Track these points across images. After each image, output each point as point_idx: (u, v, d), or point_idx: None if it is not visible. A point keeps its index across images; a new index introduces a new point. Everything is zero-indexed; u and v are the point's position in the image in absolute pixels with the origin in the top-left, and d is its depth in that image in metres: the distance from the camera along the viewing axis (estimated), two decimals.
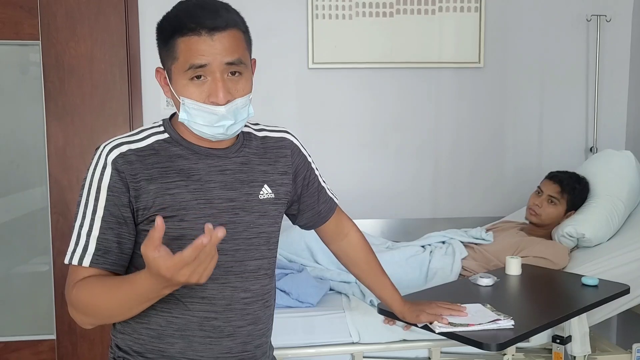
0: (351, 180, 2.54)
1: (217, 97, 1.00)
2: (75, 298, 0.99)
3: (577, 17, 2.58)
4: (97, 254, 1.00)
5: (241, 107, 1.04)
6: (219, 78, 1.01)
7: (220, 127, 1.03)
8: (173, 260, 0.83)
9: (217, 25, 1.00)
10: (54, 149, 2.40)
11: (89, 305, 0.99)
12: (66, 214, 2.41)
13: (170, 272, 0.84)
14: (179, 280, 0.85)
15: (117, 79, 2.42)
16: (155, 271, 0.85)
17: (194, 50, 1.00)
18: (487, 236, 2.20)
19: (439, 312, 1.35)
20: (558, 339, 1.70)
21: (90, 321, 1.02)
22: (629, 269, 1.91)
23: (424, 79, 2.55)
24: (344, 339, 1.74)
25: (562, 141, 2.63)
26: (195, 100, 1.02)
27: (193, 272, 0.85)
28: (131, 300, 0.95)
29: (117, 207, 1.01)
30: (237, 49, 1.02)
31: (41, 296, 2.51)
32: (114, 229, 1.01)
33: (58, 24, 2.36)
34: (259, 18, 2.45)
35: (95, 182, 1.01)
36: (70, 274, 1.02)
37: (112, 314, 1.01)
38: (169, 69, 1.05)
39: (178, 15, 1.02)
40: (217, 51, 1.00)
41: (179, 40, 1.01)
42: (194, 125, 1.04)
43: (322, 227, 1.32)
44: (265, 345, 1.16)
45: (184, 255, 0.83)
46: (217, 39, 1.00)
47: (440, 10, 2.50)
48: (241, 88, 1.04)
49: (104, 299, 0.98)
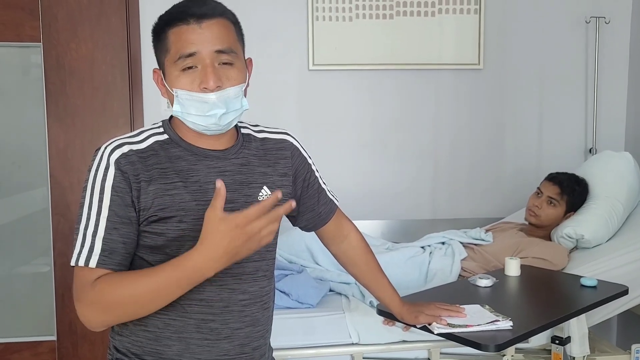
0: (351, 181, 2.55)
1: (207, 83, 1.01)
2: (98, 295, 0.97)
3: (576, 19, 2.59)
4: (104, 254, 0.99)
5: (233, 97, 1.04)
6: (209, 64, 1.02)
7: (212, 117, 1.03)
8: (238, 217, 0.90)
9: (205, 12, 1.01)
10: (55, 151, 2.41)
11: (118, 298, 0.97)
12: (67, 215, 2.42)
13: (234, 232, 0.90)
14: (236, 244, 0.90)
15: (118, 81, 2.43)
16: (219, 234, 0.90)
17: (184, 40, 1.01)
18: (487, 237, 2.20)
19: (437, 313, 1.36)
20: (557, 339, 1.70)
21: (109, 319, 1.00)
22: (627, 270, 1.91)
23: (424, 80, 2.56)
24: (344, 340, 1.74)
25: (561, 142, 2.64)
26: (187, 90, 1.03)
27: (253, 236, 0.91)
28: (172, 285, 0.95)
29: (121, 208, 1.01)
30: (226, 38, 1.03)
31: (42, 297, 2.52)
32: (119, 229, 1.01)
33: (59, 26, 2.37)
34: (259, 20, 2.46)
35: (98, 183, 1.01)
36: (77, 277, 1.00)
37: (142, 306, 0.98)
38: (163, 64, 1.06)
39: (169, 11, 1.05)
40: (206, 39, 1.01)
41: (169, 32, 1.03)
42: (187, 117, 1.05)
43: (322, 228, 1.32)
44: (264, 347, 1.16)
45: (249, 211, 0.90)
46: (206, 27, 1.01)
47: (440, 12, 2.51)
48: (233, 77, 1.04)
49: (138, 288, 0.96)
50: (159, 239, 1.03)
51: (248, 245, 0.92)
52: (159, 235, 1.03)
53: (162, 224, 1.02)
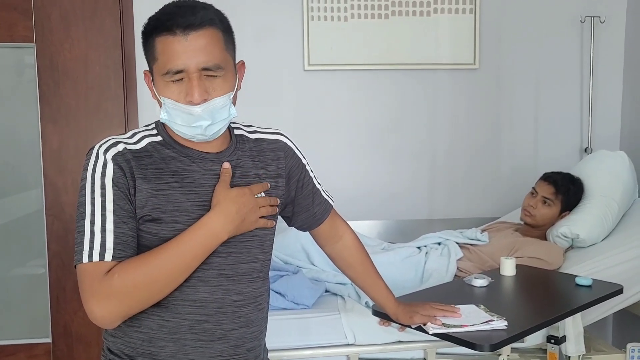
0: (347, 181, 2.55)
1: (193, 97, 1.01)
2: (118, 282, 0.96)
3: (571, 19, 2.59)
4: (117, 247, 0.98)
5: (220, 107, 1.04)
6: (195, 77, 1.01)
7: (197, 128, 1.03)
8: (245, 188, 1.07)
9: (191, 23, 1.00)
10: (49, 152, 2.40)
11: (139, 280, 0.97)
12: (61, 217, 2.41)
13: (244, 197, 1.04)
14: (245, 210, 1.04)
15: (112, 81, 2.42)
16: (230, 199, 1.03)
17: (170, 52, 1.00)
18: (483, 237, 2.20)
19: (432, 313, 1.36)
20: (553, 339, 1.70)
21: (127, 307, 0.98)
22: (622, 269, 1.91)
23: (420, 80, 2.56)
24: (340, 341, 1.74)
25: (556, 142, 2.64)
26: (174, 100, 1.02)
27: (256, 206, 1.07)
28: (189, 254, 1.00)
29: (125, 202, 1.00)
30: (212, 51, 1.02)
31: (37, 299, 2.51)
32: (127, 222, 1.00)
33: (52, 26, 2.36)
34: (254, 21, 2.46)
35: (97, 179, 1.00)
36: (87, 273, 0.97)
37: (161, 285, 0.99)
38: (152, 69, 1.06)
39: (157, 16, 1.03)
40: (193, 53, 1.00)
41: (156, 40, 1.02)
42: (173, 125, 1.05)
43: (316, 229, 1.32)
44: (259, 348, 1.16)
45: (253, 186, 1.09)
46: (192, 39, 1.00)
47: (435, 12, 2.51)
48: (219, 87, 1.03)
49: (157, 264, 0.98)
50: (154, 239, 1.02)
51: (253, 214, 1.06)
52: (153, 235, 1.02)
53: (156, 224, 1.02)
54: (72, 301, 2.37)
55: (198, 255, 1.01)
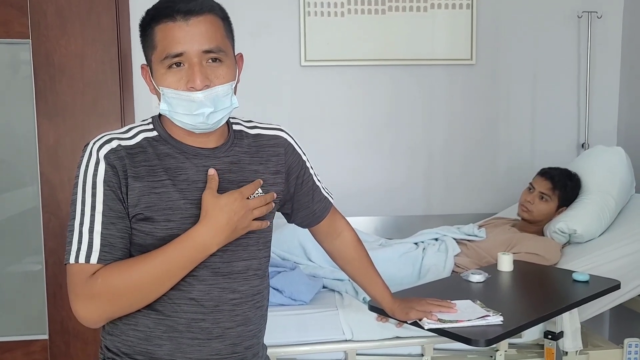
0: (344, 177, 2.54)
1: (194, 82, 0.99)
2: (102, 285, 0.96)
3: (568, 14, 2.59)
4: (104, 250, 0.98)
5: (222, 95, 1.02)
6: (196, 63, 1.00)
7: (199, 116, 1.01)
8: (235, 192, 1.01)
9: (192, 8, 0.99)
10: (45, 148, 2.39)
11: (123, 284, 0.97)
12: (58, 213, 2.40)
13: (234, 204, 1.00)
14: (235, 218, 1.00)
15: (109, 77, 2.41)
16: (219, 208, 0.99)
17: (170, 38, 0.99)
18: (480, 232, 2.21)
19: (428, 309, 1.36)
20: (550, 334, 1.70)
21: (110, 311, 0.99)
22: (619, 265, 1.92)
23: (416, 76, 2.56)
24: (337, 337, 1.73)
25: (553, 137, 2.64)
26: (174, 88, 1.01)
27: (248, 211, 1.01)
28: (175, 264, 0.98)
29: (115, 202, 1.00)
30: (214, 35, 1.01)
31: (33, 296, 2.50)
32: (115, 223, 0.99)
33: (48, 22, 2.35)
34: (251, 16, 2.45)
35: (89, 178, 1.00)
36: (73, 273, 0.98)
37: (145, 292, 0.98)
38: (150, 60, 1.04)
39: (155, 6, 1.03)
40: (194, 37, 0.99)
41: (155, 29, 1.01)
42: (175, 115, 1.03)
43: (315, 226, 1.32)
44: (257, 346, 1.15)
45: (243, 188, 1.03)
46: (193, 24, 0.99)
47: (432, 7, 2.50)
48: (221, 75, 1.02)
49: (142, 271, 0.97)
50: (148, 238, 1.02)
51: (245, 219, 1.01)
52: (147, 234, 1.02)
53: (149, 223, 1.01)
54: (68, 298, 2.37)
55: (185, 266, 1.00)
